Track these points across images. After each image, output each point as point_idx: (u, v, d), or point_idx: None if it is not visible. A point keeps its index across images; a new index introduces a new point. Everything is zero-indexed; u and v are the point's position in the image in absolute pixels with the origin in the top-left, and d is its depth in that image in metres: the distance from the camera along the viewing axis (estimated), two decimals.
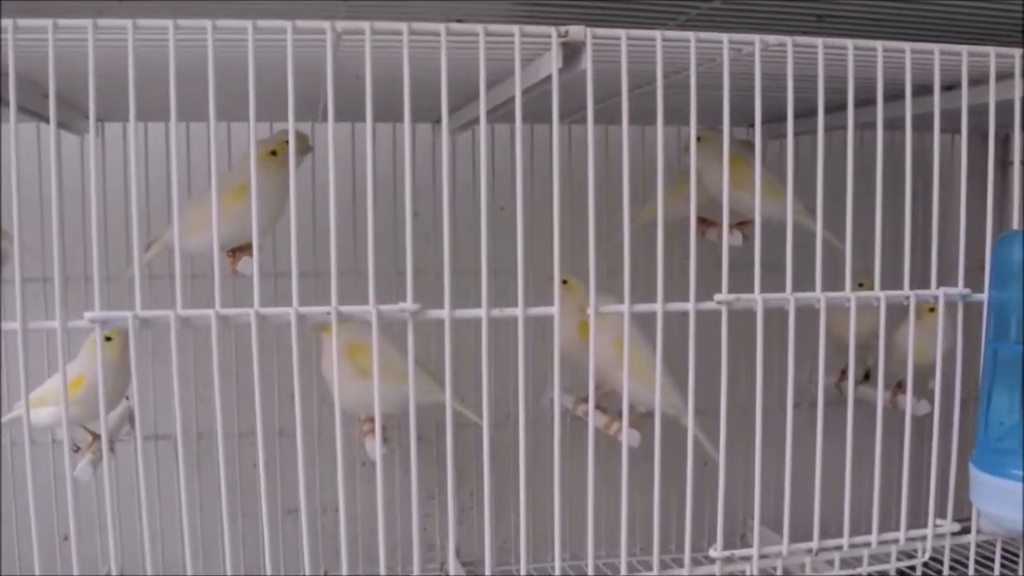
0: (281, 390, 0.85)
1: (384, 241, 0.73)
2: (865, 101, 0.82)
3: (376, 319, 0.71)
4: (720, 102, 0.77)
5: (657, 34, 0.74)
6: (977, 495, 0.80)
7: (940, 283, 0.82)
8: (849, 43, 0.78)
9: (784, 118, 0.79)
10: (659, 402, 0.77)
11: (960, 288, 0.82)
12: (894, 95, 0.81)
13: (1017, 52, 0.82)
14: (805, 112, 0.83)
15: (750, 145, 0.95)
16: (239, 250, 0.92)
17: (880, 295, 0.80)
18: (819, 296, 0.78)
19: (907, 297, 0.81)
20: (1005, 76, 0.83)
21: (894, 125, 0.82)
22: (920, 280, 0.83)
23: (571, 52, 0.74)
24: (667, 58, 0.75)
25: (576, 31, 0.73)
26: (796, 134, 0.80)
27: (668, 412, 0.91)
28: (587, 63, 0.73)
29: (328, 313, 0.70)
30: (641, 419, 0.92)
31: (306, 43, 0.70)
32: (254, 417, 0.71)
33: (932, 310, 0.84)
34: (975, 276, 0.84)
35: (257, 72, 0.69)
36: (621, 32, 0.74)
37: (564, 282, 0.84)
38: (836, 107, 0.81)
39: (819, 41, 0.77)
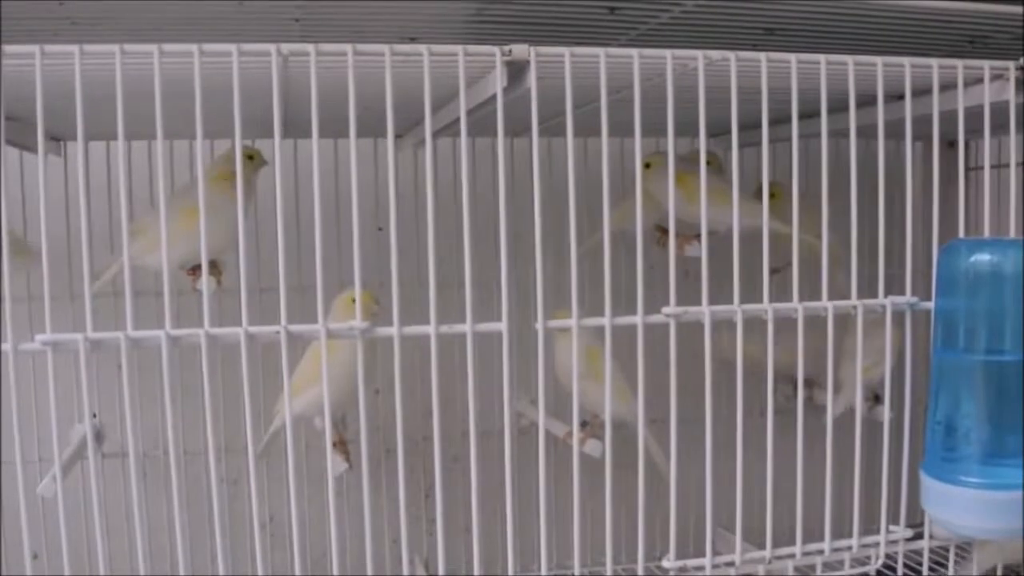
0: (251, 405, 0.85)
1: (328, 257, 0.74)
2: (811, 112, 0.83)
3: (324, 337, 0.72)
4: (665, 116, 0.78)
5: (601, 51, 0.76)
6: (928, 501, 0.81)
7: (888, 292, 0.83)
8: (792, 57, 0.79)
9: (729, 131, 0.80)
10: (609, 411, 0.78)
11: (908, 297, 0.83)
12: (842, 107, 0.82)
13: (959, 63, 0.83)
14: (755, 124, 0.84)
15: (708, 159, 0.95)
16: (197, 268, 0.92)
17: (828, 305, 0.81)
18: (767, 308, 0.79)
19: (854, 307, 0.82)
20: (950, 86, 0.84)
21: (843, 135, 0.84)
22: (870, 289, 0.84)
23: (516, 70, 0.75)
24: (613, 75, 0.76)
25: (520, 50, 0.74)
26: (746, 145, 0.81)
27: (629, 421, 0.92)
28: (531, 82, 0.74)
29: (277, 332, 0.71)
30: (603, 430, 0.93)
31: (254, 65, 0.71)
32: (228, 434, 0.72)
33: None
34: (926, 284, 0.85)
35: (213, 91, 0.70)
36: (564, 50, 0.75)
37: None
38: (785, 119, 0.82)
39: (763, 55, 0.78)
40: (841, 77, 0.81)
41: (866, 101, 0.83)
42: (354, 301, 0.74)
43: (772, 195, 0.82)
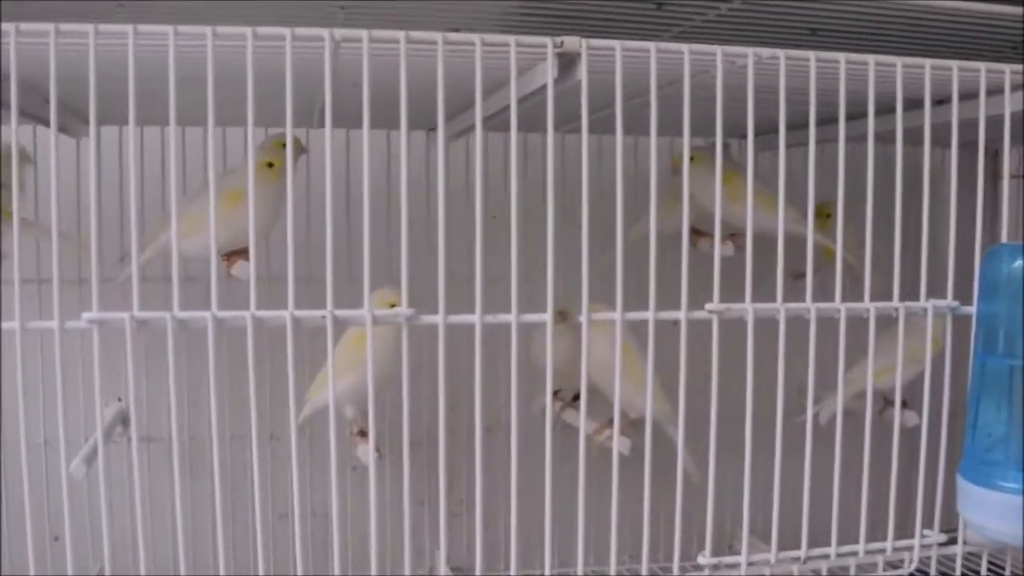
0: (273, 394, 0.85)
1: (376, 247, 0.74)
2: (856, 114, 0.82)
3: (371, 323, 0.72)
4: (712, 113, 0.78)
5: (652, 45, 0.75)
6: (964, 506, 0.81)
7: (930, 296, 0.83)
8: (841, 57, 0.79)
9: (774, 130, 0.80)
10: (650, 408, 0.78)
11: (949, 300, 0.83)
12: (886, 109, 0.82)
13: (1007, 68, 0.83)
14: (796, 125, 0.83)
15: (734, 159, 0.96)
16: (234, 254, 0.92)
17: (870, 306, 0.80)
18: (809, 307, 0.79)
19: (896, 309, 0.81)
20: (996, 91, 0.84)
21: (886, 138, 0.83)
22: (910, 292, 0.84)
23: (566, 62, 0.74)
24: (661, 70, 0.76)
25: (571, 42, 0.74)
26: (788, 146, 0.81)
27: (657, 419, 0.92)
28: (582, 74, 0.74)
29: (323, 317, 0.71)
30: (631, 426, 0.93)
31: (303, 50, 0.71)
32: (245, 421, 0.72)
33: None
34: (967, 289, 0.85)
35: (254, 78, 0.70)
36: (616, 43, 0.74)
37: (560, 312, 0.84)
38: (827, 120, 0.82)
39: (811, 55, 0.78)
40: (886, 79, 0.81)
41: (910, 105, 0.83)
42: (392, 305, 0.75)
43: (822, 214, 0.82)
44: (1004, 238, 0.85)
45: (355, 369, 0.86)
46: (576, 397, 1.06)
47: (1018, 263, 0.79)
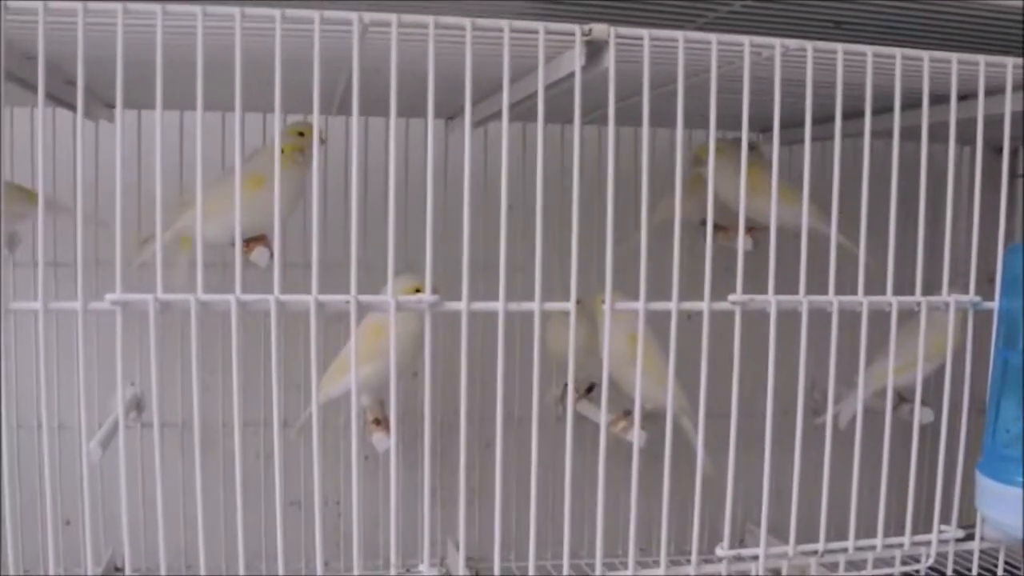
0: (287, 380, 0.85)
1: (396, 234, 0.73)
2: (879, 109, 0.82)
3: (394, 309, 0.72)
4: (733, 105, 0.77)
5: (679, 35, 0.75)
6: (983, 502, 0.81)
7: (950, 291, 0.83)
8: (868, 50, 0.79)
9: (795, 124, 0.80)
10: (671, 400, 0.78)
11: (971, 296, 0.83)
12: (909, 104, 0.82)
13: None
14: (818, 118, 0.83)
15: (757, 152, 0.95)
16: (253, 240, 0.92)
17: (892, 300, 0.80)
18: (832, 300, 0.79)
19: (918, 303, 0.81)
20: (1021, 87, 0.84)
21: (908, 134, 0.83)
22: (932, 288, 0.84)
23: (594, 50, 0.74)
24: (687, 60, 0.76)
25: (600, 29, 0.73)
26: (812, 140, 0.80)
27: (673, 412, 0.92)
28: (610, 62, 0.73)
29: (347, 302, 0.70)
30: (646, 418, 0.92)
31: (331, 34, 0.70)
32: (256, 407, 0.71)
33: None
34: (988, 285, 0.85)
35: (264, 63, 0.69)
36: (644, 32, 0.74)
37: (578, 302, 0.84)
38: (850, 114, 0.82)
39: (839, 47, 0.78)
40: (912, 74, 0.80)
41: (935, 100, 0.83)
42: (417, 290, 0.75)
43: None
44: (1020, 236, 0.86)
45: (373, 360, 0.85)
46: (590, 388, 1.06)
47: None
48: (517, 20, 0.73)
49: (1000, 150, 1.06)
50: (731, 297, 0.77)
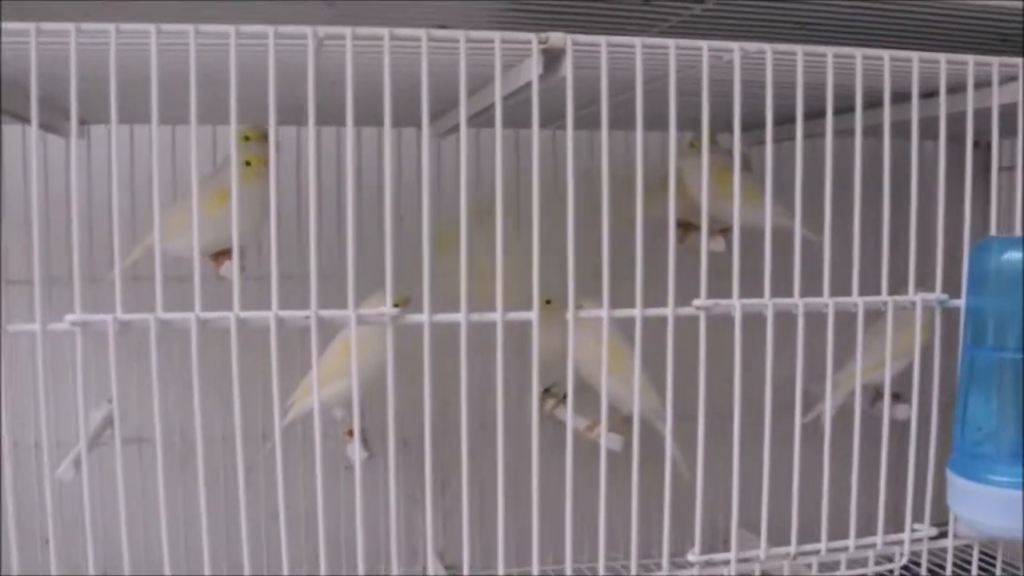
0: (265, 393, 0.85)
1: (370, 245, 0.74)
2: (845, 108, 0.82)
3: (355, 323, 0.72)
4: (698, 108, 0.77)
5: (637, 41, 0.75)
6: (954, 500, 0.81)
7: (920, 289, 0.83)
8: (829, 51, 0.79)
9: (762, 124, 0.79)
10: (638, 404, 0.78)
11: (938, 294, 0.83)
12: (875, 102, 0.82)
13: (995, 60, 0.82)
14: (786, 118, 0.83)
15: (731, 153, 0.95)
16: (223, 254, 0.92)
17: (858, 301, 0.80)
18: (797, 302, 0.79)
19: (884, 303, 0.81)
20: (984, 84, 0.84)
21: (874, 132, 0.83)
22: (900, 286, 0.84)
23: (552, 58, 0.74)
24: (648, 65, 0.76)
25: (556, 38, 0.73)
26: (777, 140, 0.80)
27: (647, 416, 0.92)
28: (567, 70, 0.73)
29: (307, 317, 0.71)
30: (622, 423, 0.92)
31: (288, 48, 0.71)
32: (246, 421, 0.71)
33: None
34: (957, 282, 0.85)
35: (239, 76, 0.69)
36: (601, 39, 0.74)
37: (548, 302, 0.84)
38: (817, 114, 0.82)
39: (799, 49, 0.78)
40: (874, 73, 0.80)
41: (899, 98, 0.83)
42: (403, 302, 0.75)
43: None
44: (994, 231, 0.85)
45: (344, 376, 0.85)
46: (546, 390, 1.06)
47: (1006, 256, 0.79)
48: (473, 31, 0.73)
49: (977, 144, 1.07)
50: (695, 302, 0.77)
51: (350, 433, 0.93)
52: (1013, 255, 0.79)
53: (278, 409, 0.72)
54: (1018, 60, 0.83)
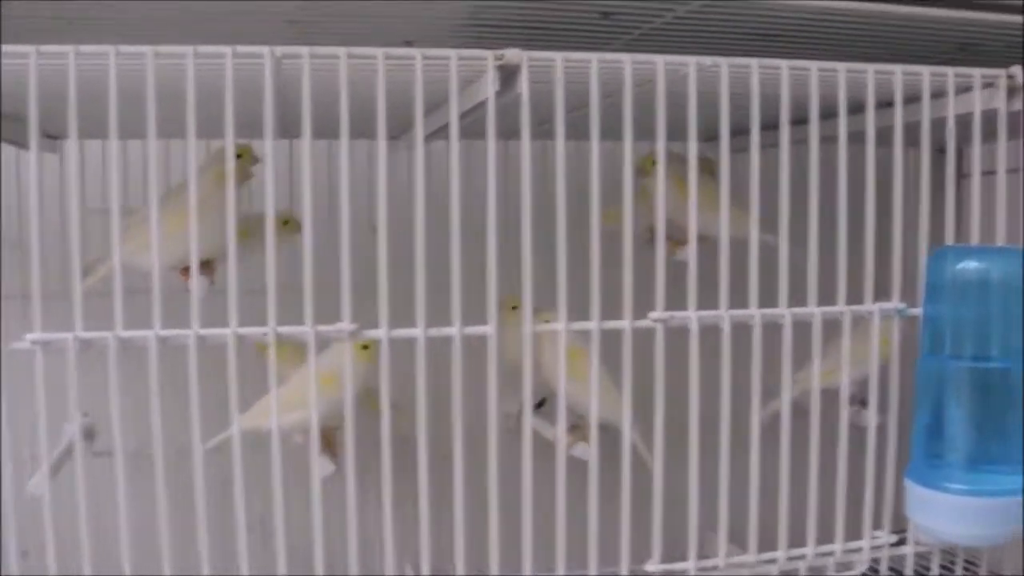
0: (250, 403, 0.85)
1: (332, 260, 0.74)
2: (804, 119, 0.83)
3: (314, 339, 0.72)
4: (671, 119, 0.78)
5: (593, 56, 0.76)
6: (912, 508, 0.81)
7: (878, 298, 0.84)
8: (784, 63, 0.79)
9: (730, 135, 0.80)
10: (595, 415, 0.79)
11: (896, 303, 0.83)
12: (833, 113, 0.83)
13: (950, 71, 0.83)
14: (746, 129, 0.84)
15: (703, 164, 0.96)
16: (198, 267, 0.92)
17: (815, 311, 0.81)
18: (754, 313, 0.80)
19: (842, 312, 0.82)
20: (940, 94, 0.84)
21: (834, 141, 0.84)
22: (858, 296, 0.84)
23: (509, 74, 0.75)
24: (607, 79, 0.77)
25: (512, 54, 0.74)
26: (739, 151, 0.81)
27: (616, 425, 0.92)
28: (523, 86, 0.74)
29: (265, 334, 0.71)
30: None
31: (248, 66, 0.72)
32: (208, 434, 0.72)
33: None
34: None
35: (204, 92, 0.71)
36: (556, 55, 0.75)
37: (514, 307, 0.84)
38: (776, 125, 0.82)
39: (753, 62, 0.79)
40: (833, 83, 0.81)
41: (858, 108, 0.83)
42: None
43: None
44: (951, 240, 0.86)
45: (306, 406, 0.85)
46: (539, 404, 1.07)
47: (961, 265, 0.80)
48: (430, 49, 0.74)
49: (943, 151, 1.07)
50: (652, 315, 0.78)
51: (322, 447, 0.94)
52: (968, 264, 0.79)
53: (237, 424, 0.73)
54: (974, 71, 0.84)
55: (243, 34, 0.80)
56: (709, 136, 0.88)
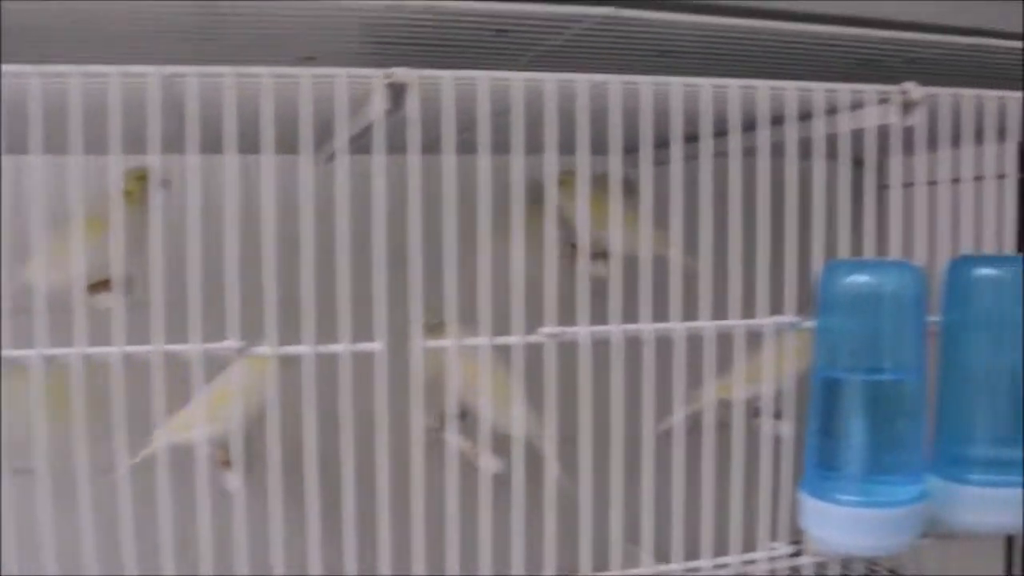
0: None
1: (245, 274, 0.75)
2: (718, 132, 0.84)
3: (201, 356, 0.73)
4: (572, 135, 0.79)
5: (483, 75, 0.77)
6: (806, 519, 0.82)
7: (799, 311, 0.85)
8: (676, 80, 0.80)
9: (639, 149, 0.81)
10: (489, 420, 0.80)
11: (790, 317, 0.84)
12: (726, 130, 0.83)
13: (841, 87, 0.84)
14: (661, 144, 0.84)
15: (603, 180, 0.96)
16: (101, 285, 0.93)
17: (709, 325, 0.82)
18: (648, 328, 0.80)
19: (733, 327, 0.83)
20: (838, 110, 0.86)
21: (747, 154, 0.85)
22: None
23: (400, 93, 0.76)
24: (500, 96, 0.77)
25: (402, 73, 0.75)
26: (635, 167, 0.82)
27: (529, 438, 0.93)
28: (412, 104, 0.75)
29: (149, 352, 0.72)
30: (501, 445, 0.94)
31: (136, 86, 0.72)
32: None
33: None
34: None
35: (92, 111, 0.71)
36: (446, 73, 0.76)
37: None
38: (690, 138, 0.83)
39: (645, 79, 0.80)
40: (725, 100, 0.82)
41: (747, 124, 0.85)
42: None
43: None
44: (868, 252, 0.87)
45: (212, 423, 0.85)
46: (461, 416, 1.07)
47: (851, 278, 0.81)
48: (319, 68, 0.74)
49: (860, 163, 1.09)
50: (542, 330, 0.78)
51: (225, 463, 0.94)
52: (858, 277, 0.81)
53: (124, 442, 0.73)
54: (869, 87, 0.85)
55: (142, 53, 0.81)
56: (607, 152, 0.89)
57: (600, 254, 0.99)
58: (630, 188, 1.10)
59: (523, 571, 0.80)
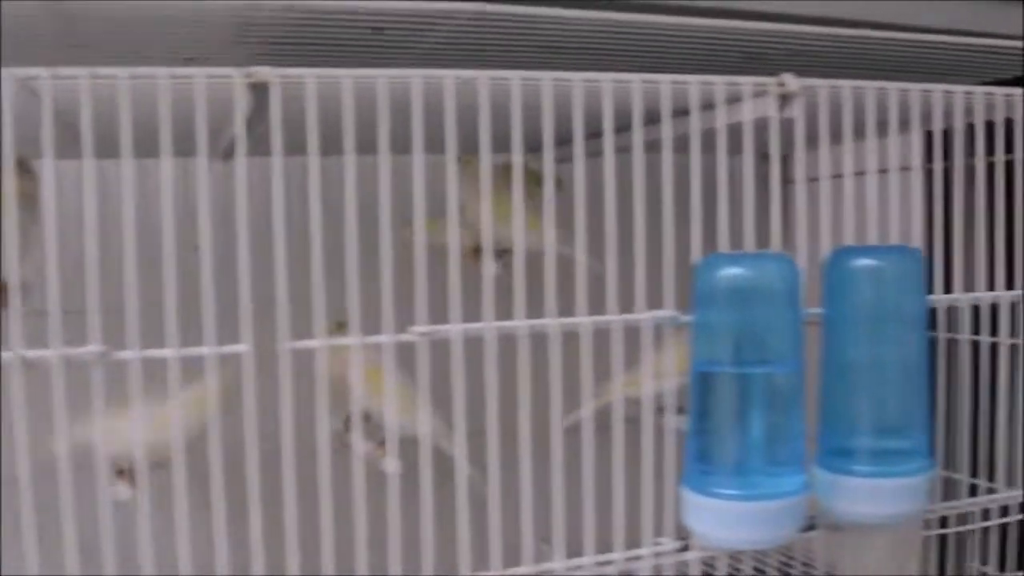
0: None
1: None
2: (626, 127, 0.84)
3: (63, 362, 0.72)
4: (465, 131, 0.79)
5: (347, 72, 0.76)
6: (687, 514, 0.82)
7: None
8: (546, 75, 0.80)
9: (551, 146, 0.82)
10: (392, 421, 0.80)
11: (669, 311, 0.84)
12: (628, 125, 0.83)
13: (718, 80, 0.84)
14: (567, 140, 0.84)
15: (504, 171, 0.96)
16: None
17: (584, 320, 0.81)
18: (523, 324, 0.80)
19: (610, 322, 0.82)
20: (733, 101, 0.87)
21: (652, 149, 0.85)
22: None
23: (263, 92, 0.75)
24: (360, 95, 0.77)
25: (262, 72, 0.74)
26: (560, 161, 0.82)
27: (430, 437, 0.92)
28: (274, 103, 0.74)
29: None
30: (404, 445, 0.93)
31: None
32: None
33: None
34: None
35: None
36: (308, 71, 0.75)
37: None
38: (594, 134, 0.83)
39: (514, 74, 0.79)
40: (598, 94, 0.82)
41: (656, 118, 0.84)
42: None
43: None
44: (775, 245, 0.87)
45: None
46: (365, 419, 1.07)
47: (724, 272, 0.80)
48: (178, 68, 0.74)
49: (767, 156, 1.09)
50: (414, 328, 0.78)
51: (120, 472, 0.94)
52: (730, 271, 0.80)
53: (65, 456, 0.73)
54: (747, 79, 0.85)
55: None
56: (530, 148, 0.88)
57: (504, 251, 0.99)
58: (534, 180, 1.10)
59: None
